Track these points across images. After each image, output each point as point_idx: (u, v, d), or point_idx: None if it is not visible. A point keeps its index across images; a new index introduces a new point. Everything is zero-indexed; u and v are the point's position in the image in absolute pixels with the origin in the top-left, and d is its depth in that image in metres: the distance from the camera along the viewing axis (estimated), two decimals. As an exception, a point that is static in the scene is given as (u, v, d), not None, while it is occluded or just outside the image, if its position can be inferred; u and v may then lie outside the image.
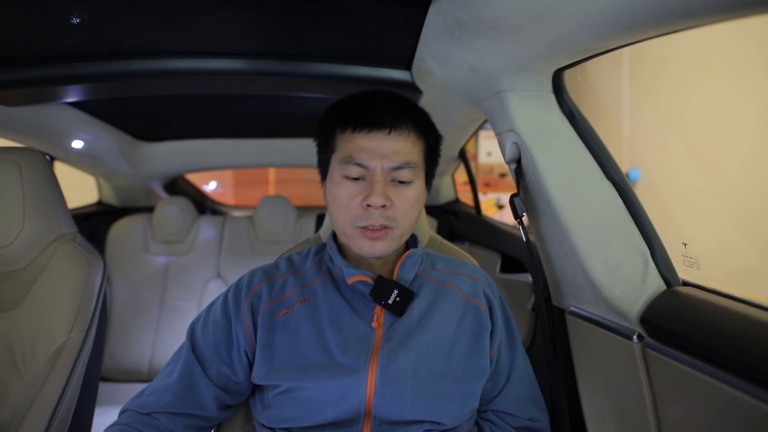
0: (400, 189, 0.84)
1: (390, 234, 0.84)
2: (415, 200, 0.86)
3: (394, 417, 0.80)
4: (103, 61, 1.23)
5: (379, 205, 0.81)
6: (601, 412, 1.05)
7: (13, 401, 0.99)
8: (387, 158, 0.82)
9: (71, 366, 1.03)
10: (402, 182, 0.84)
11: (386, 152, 0.82)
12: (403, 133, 0.84)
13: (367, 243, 0.83)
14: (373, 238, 0.83)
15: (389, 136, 0.83)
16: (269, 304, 0.87)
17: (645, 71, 2.66)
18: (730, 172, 2.09)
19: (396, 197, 0.83)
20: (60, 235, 1.12)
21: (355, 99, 0.88)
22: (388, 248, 0.84)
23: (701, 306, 0.82)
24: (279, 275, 0.92)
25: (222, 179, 5.26)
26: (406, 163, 0.84)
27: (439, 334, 0.85)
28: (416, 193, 0.86)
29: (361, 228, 0.83)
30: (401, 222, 0.84)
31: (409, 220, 0.86)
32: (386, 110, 0.84)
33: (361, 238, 0.83)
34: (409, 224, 0.86)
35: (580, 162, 1.01)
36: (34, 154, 1.10)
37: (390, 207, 0.82)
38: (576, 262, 1.00)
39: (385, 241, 0.84)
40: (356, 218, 0.83)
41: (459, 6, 0.82)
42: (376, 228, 0.82)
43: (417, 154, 0.86)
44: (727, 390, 0.70)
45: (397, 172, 0.83)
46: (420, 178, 0.87)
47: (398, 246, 0.87)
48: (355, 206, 0.83)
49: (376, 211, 0.82)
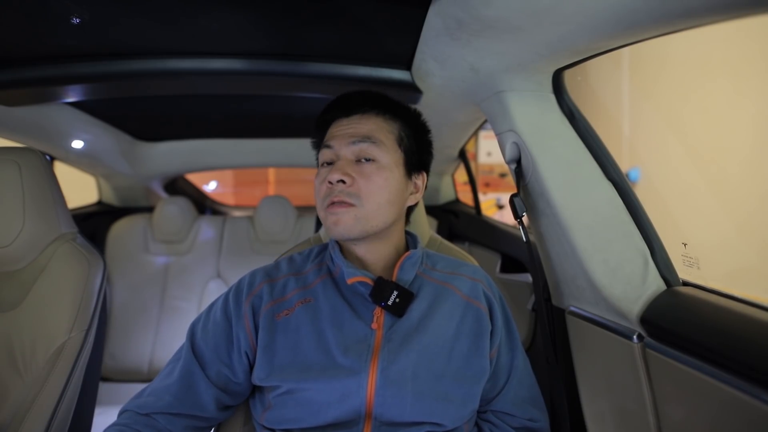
0: (365, 166, 0.85)
1: (352, 211, 0.83)
2: (383, 180, 0.85)
3: (394, 418, 0.80)
4: (103, 61, 1.23)
5: (337, 179, 0.83)
6: (601, 412, 1.05)
7: (13, 401, 0.99)
8: (348, 136, 0.87)
9: (71, 366, 1.03)
10: (367, 160, 0.86)
11: (348, 131, 0.87)
12: (365, 114, 0.89)
13: (332, 219, 0.84)
14: (335, 212, 0.83)
15: (358, 119, 0.89)
16: (270, 305, 0.87)
17: (645, 71, 2.66)
18: (730, 172, 2.09)
19: (359, 175, 0.84)
20: (60, 235, 1.12)
21: (333, 100, 0.94)
22: (351, 225, 0.83)
23: (701, 306, 0.82)
24: (280, 276, 0.92)
25: (222, 179, 5.26)
26: (367, 138, 0.86)
27: (439, 335, 0.85)
28: (384, 173, 0.85)
29: (328, 206, 0.84)
30: (365, 200, 0.84)
31: (374, 200, 0.84)
32: (358, 99, 0.91)
33: (328, 216, 0.85)
34: (375, 205, 0.84)
35: (580, 162, 1.01)
36: (34, 154, 1.10)
37: (351, 184, 0.84)
38: (576, 262, 1.00)
39: (347, 217, 0.83)
40: (324, 197, 0.85)
41: (459, 6, 0.82)
42: (337, 203, 0.83)
43: (384, 134, 0.88)
44: (727, 390, 0.70)
45: (358, 147, 0.86)
46: (389, 159, 0.87)
47: (365, 228, 0.85)
48: (324, 187, 0.86)
49: (338, 187, 0.84)
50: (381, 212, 0.86)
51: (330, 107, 0.93)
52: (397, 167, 0.88)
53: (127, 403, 0.86)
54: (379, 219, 0.86)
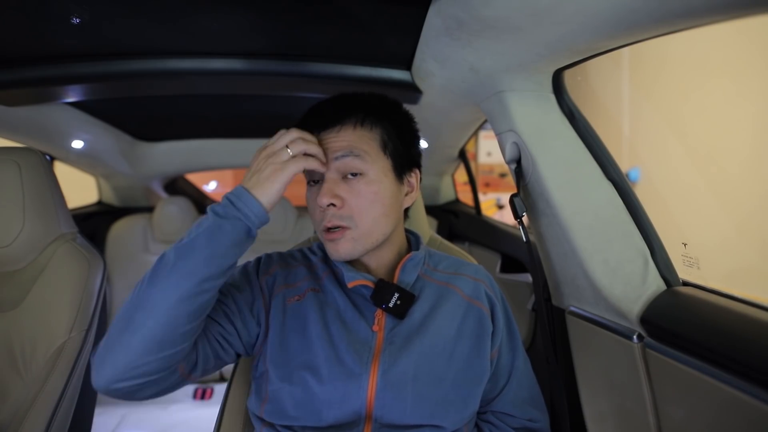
0: (353, 183, 0.81)
1: (349, 234, 0.81)
2: (373, 195, 0.81)
3: (394, 421, 0.80)
4: (103, 61, 1.23)
5: (325, 204, 0.80)
6: (601, 412, 1.05)
7: (13, 401, 0.99)
8: (332, 151, 0.82)
9: (71, 366, 1.03)
10: (354, 175, 0.81)
11: (331, 147, 0.82)
12: (352, 126, 0.83)
13: (331, 246, 0.82)
14: (332, 239, 0.82)
15: (338, 132, 0.83)
16: (282, 288, 0.87)
17: (645, 71, 2.66)
18: (730, 172, 2.09)
19: (349, 194, 0.81)
20: (60, 235, 1.12)
21: (313, 107, 0.88)
22: (350, 249, 0.82)
23: (701, 306, 0.82)
24: (294, 264, 0.92)
25: (222, 179, 5.26)
26: (350, 152, 0.81)
27: (440, 336, 0.85)
28: (373, 187, 0.81)
29: (324, 231, 0.83)
30: (359, 220, 0.81)
31: (368, 217, 0.81)
32: (331, 111, 0.85)
33: (326, 241, 0.83)
34: (370, 222, 0.82)
35: (580, 162, 1.01)
36: (34, 154, 1.10)
37: (341, 206, 0.80)
38: (576, 262, 1.00)
39: (345, 242, 0.81)
40: (319, 221, 0.83)
41: (459, 6, 0.82)
42: (332, 229, 0.82)
43: (366, 144, 0.82)
44: (727, 390, 0.70)
45: (342, 162, 0.81)
46: (376, 170, 0.82)
47: (366, 246, 0.83)
48: (318, 210, 0.83)
49: (329, 211, 0.81)
50: (378, 227, 0.84)
51: (305, 122, 0.87)
52: (386, 176, 0.84)
53: None
54: (378, 233, 0.84)
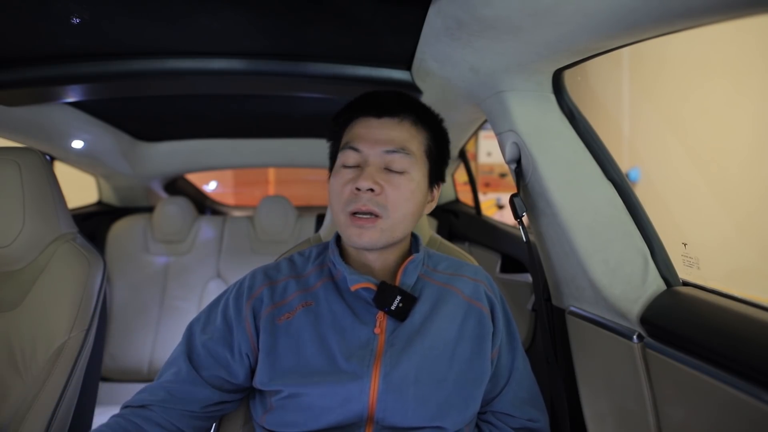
0: (393, 177, 0.83)
1: (379, 223, 0.82)
2: (410, 192, 0.84)
3: (395, 423, 0.80)
4: (103, 61, 1.23)
5: (366, 187, 0.81)
6: (601, 412, 1.05)
7: (13, 401, 0.99)
8: (381, 143, 0.84)
9: (71, 366, 1.03)
10: (396, 171, 0.84)
11: (381, 137, 0.84)
12: (401, 121, 0.86)
13: (356, 231, 0.83)
14: (360, 225, 0.82)
15: (386, 122, 0.85)
16: (271, 308, 0.87)
17: (645, 71, 2.66)
18: (730, 172, 2.09)
19: (387, 184, 0.82)
20: (60, 235, 1.12)
21: (362, 96, 0.91)
22: (376, 239, 0.83)
23: (701, 306, 0.82)
24: (280, 279, 0.91)
25: (222, 179, 5.26)
26: (401, 149, 0.84)
27: (441, 338, 0.85)
28: (412, 185, 0.84)
29: (351, 215, 0.83)
30: (392, 211, 0.83)
31: (400, 212, 0.84)
32: (386, 100, 0.87)
33: (351, 226, 0.83)
34: (400, 217, 0.84)
35: (580, 162, 1.01)
36: (34, 154, 1.10)
37: (380, 193, 0.82)
38: (576, 262, 1.00)
39: (373, 231, 0.82)
40: (347, 202, 0.83)
41: (459, 6, 0.82)
42: (364, 213, 0.82)
43: (416, 145, 0.86)
44: (727, 390, 0.70)
45: (391, 156, 0.83)
46: (418, 172, 0.86)
47: (389, 240, 0.85)
48: (347, 192, 0.83)
49: (365, 195, 0.82)
50: (404, 223, 0.86)
51: (358, 104, 0.89)
52: (423, 178, 0.87)
53: (125, 402, 0.86)
54: (402, 230, 0.86)
